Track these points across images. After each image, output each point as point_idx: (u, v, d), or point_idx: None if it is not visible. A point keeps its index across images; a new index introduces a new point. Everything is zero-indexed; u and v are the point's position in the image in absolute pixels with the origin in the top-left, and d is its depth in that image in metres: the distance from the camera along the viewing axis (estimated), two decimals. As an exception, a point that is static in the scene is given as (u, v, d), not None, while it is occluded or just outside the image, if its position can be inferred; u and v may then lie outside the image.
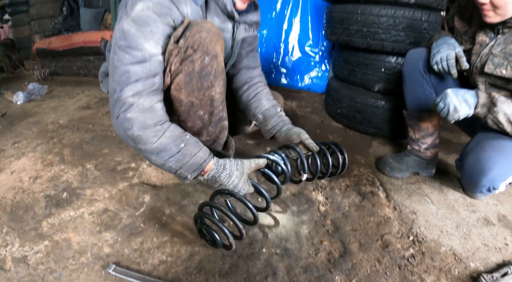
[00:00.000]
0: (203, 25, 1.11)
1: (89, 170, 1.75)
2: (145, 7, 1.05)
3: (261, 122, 1.51)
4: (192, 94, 1.18)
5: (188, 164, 1.11)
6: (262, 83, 1.58)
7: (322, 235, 1.28)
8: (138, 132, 1.06)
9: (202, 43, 1.11)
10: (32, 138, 2.22)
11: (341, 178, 1.67)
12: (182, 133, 1.12)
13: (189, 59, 1.13)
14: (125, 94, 1.05)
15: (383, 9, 1.91)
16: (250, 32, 1.40)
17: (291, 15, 3.15)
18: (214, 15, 1.24)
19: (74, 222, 1.35)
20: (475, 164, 1.37)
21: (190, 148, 1.11)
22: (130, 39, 1.05)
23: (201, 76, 1.16)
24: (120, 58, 1.06)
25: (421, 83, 1.59)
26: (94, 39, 3.90)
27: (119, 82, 1.06)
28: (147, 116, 1.06)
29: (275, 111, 1.51)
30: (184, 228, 1.30)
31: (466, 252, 1.24)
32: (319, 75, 3.18)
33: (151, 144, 1.07)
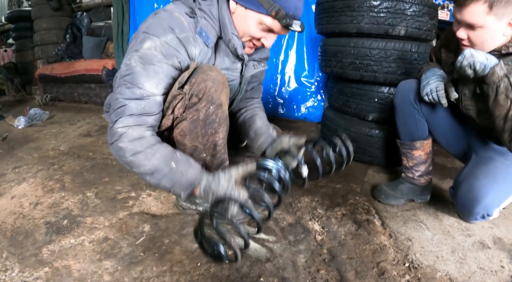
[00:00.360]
0: (208, 74, 1.15)
1: (89, 198, 1.77)
2: (152, 46, 1.11)
3: (252, 139, 1.56)
4: (196, 140, 1.23)
5: (179, 182, 1.15)
6: (259, 108, 1.65)
7: (319, 264, 1.30)
8: (131, 158, 1.11)
9: (207, 92, 1.15)
10: (33, 164, 2.25)
11: (337, 207, 1.70)
12: (172, 153, 1.16)
13: (194, 108, 1.17)
14: (116, 125, 1.11)
15: (375, 42, 2.00)
16: (260, 67, 1.45)
17: (287, 47, 3.26)
18: (225, 56, 1.29)
19: (74, 250, 1.36)
20: (468, 192, 1.41)
21: (180, 167, 1.15)
22: (133, 75, 1.11)
23: (206, 123, 1.20)
24: (121, 92, 1.12)
25: (413, 113, 1.64)
26: (96, 67, 3.99)
27: (116, 113, 1.12)
28: (137, 144, 1.11)
29: (267, 129, 1.55)
30: (183, 257, 1.32)
31: (462, 277, 1.25)
32: (315, 105, 3.25)
33: (144, 167, 1.12)
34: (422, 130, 1.67)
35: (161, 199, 1.75)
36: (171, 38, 1.13)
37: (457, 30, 1.32)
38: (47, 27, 5.07)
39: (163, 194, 1.79)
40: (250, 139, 1.57)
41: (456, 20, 1.31)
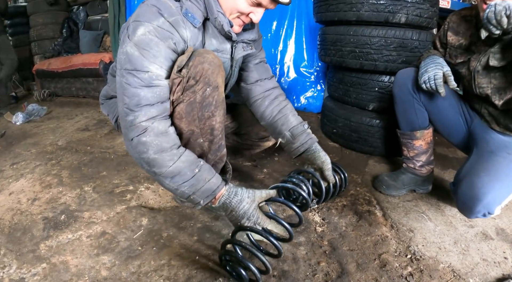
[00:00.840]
0: (205, 56, 1.13)
1: (87, 193, 1.76)
2: (146, 31, 1.09)
3: (289, 140, 1.51)
4: (193, 123, 1.20)
5: (201, 190, 1.11)
6: (282, 96, 1.58)
7: (319, 256, 1.29)
8: (154, 155, 1.07)
9: (204, 74, 1.13)
10: (30, 159, 2.23)
11: (338, 198, 1.68)
12: (196, 159, 1.14)
13: (190, 90, 1.15)
14: (139, 118, 1.07)
15: (375, 29, 1.97)
16: (249, 50, 1.42)
17: (286, 37, 3.21)
18: (212, 37, 1.26)
19: (72, 245, 1.35)
20: (470, 190, 1.36)
21: (204, 174, 1.12)
22: (135, 62, 1.08)
23: (202, 106, 1.17)
24: (128, 81, 1.09)
25: (412, 102, 1.61)
26: (93, 61, 3.95)
27: (130, 105, 1.08)
28: (162, 140, 1.08)
29: (303, 128, 1.52)
30: (181, 251, 1.30)
31: (465, 268, 1.24)
32: (315, 95, 3.22)
33: (166, 168, 1.08)
34: (422, 119, 1.64)
35: (159, 192, 1.73)
36: (163, 21, 1.11)
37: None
38: (44, 22, 5.01)
39: (161, 187, 1.77)
40: (286, 139, 1.52)
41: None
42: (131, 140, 1.09)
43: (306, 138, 1.50)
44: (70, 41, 4.76)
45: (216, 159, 1.33)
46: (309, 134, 1.53)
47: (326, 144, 2.44)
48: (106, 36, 4.54)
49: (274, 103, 1.55)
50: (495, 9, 1.13)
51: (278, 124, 1.53)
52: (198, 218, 1.51)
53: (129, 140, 1.10)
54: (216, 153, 1.32)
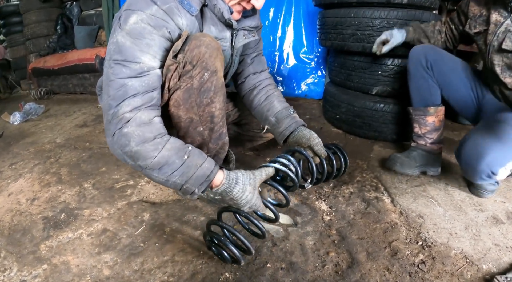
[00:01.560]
0: (202, 39, 1.08)
1: (86, 190, 1.72)
2: (139, 19, 1.03)
3: (274, 125, 1.47)
4: (191, 110, 1.15)
5: (194, 176, 1.02)
6: (272, 86, 1.55)
7: (328, 246, 1.24)
8: (137, 147, 0.99)
9: (201, 58, 1.08)
10: (29, 159, 2.20)
11: (344, 185, 1.64)
12: (183, 145, 1.06)
13: (187, 75, 1.10)
14: (122, 109, 1.00)
15: (376, 11, 1.90)
16: (250, 37, 1.37)
17: (284, 23, 3.14)
18: (211, 25, 1.20)
19: (72, 244, 1.32)
20: (472, 149, 1.38)
21: (194, 159, 1.03)
22: (126, 52, 1.02)
23: (200, 92, 1.12)
24: (116, 72, 1.02)
25: (426, 78, 1.64)
26: (89, 57, 3.90)
27: (115, 97, 1.01)
28: (145, 130, 1.00)
29: (288, 112, 1.47)
30: (185, 246, 1.27)
31: (478, 254, 1.20)
32: (316, 81, 3.15)
33: (151, 159, 0.99)
34: (436, 96, 1.67)
35: (161, 186, 1.69)
36: (156, 9, 1.05)
37: None
38: (37, 19, 4.93)
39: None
40: (271, 124, 1.48)
41: None
42: (113, 135, 1.01)
43: (291, 122, 1.44)
44: (65, 38, 4.70)
45: (217, 148, 1.28)
46: (294, 117, 1.47)
47: (330, 131, 2.39)
48: (101, 30, 4.48)
49: (262, 92, 1.51)
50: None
51: (264, 110, 1.49)
52: (201, 210, 1.47)
53: (111, 135, 1.02)
54: (218, 142, 1.27)
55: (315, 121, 2.60)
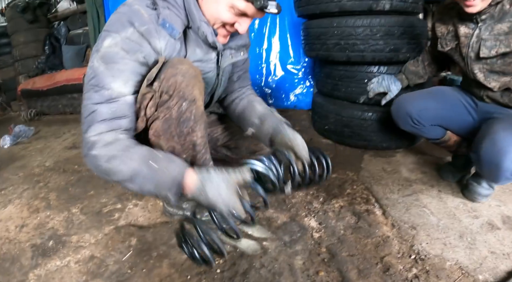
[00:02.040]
0: (178, 68, 1.05)
1: (74, 215, 1.69)
2: (113, 43, 1.01)
3: (258, 126, 1.41)
4: (172, 140, 1.12)
5: (163, 181, 0.98)
6: (254, 95, 1.53)
7: (318, 265, 1.22)
8: (106, 164, 0.98)
9: (177, 88, 1.05)
10: (18, 184, 2.17)
11: (334, 199, 1.62)
12: (151, 152, 1.02)
13: (165, 105, 1.07)
14: (88, 134, 1.00)
15: (359, 19, 1.90)
16: (239, 56, 1.35)
17: (269, 34, 3.15)
18: (196, 47, 1.18)
19: (60, 272, 1.29)
20: (493, 146, 1.28)
21: (162, 164, 0.99)
22: (98, 77, 1.00)
23: (180, 122, 1.09)
24: (90, 97, 1.01)
25: (421, 129, 1.68)
26: (77, 77, 3.87)
27: (86, 121, 1.01)
28: (111, 148, 0.99)
29: (270, 112, 1.43)
30: (172, 271, 1.23)
31: (473, 264, 1.18)
32: (304, 91, 3.15)
33: (121, 172, 0.98)
34: (438, 131, 1.69)
35: (148, 208, 1.66)
36: (131, 32, 1.02)
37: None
38: (25, 40, 4.92)
39: (150, 203, 1.71)
40: (255, 125, 1.42)
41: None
42: (85, 156, 1.01)
43: (275, 120, 1.37)
44: (53, 58, 4.69)
45: None
46: (277, 116, 1.41)
47: (319, 142, 2.37)
48: (89, 49, 4.47)
49: (244, 100, 1.49)
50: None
51: (246, 114, 1.45)
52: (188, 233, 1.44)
53: (84, 157, 1.02)
54: None
55: (305, 132, 2.58)
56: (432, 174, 1.80)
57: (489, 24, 1.36)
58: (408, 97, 1.69)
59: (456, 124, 1.64)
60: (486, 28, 1.37)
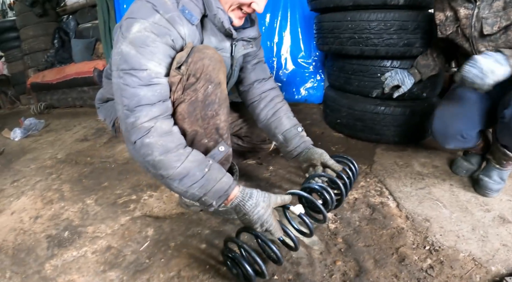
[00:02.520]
0: (205, 52, 1.08)
1: (89, 206, 1.71)
2: (142, 27, 1.02)
3: (282, 143, 1.46)
4: (196, 123, 1.14)
5: (212, 190, 1.03)
6: (279, 98, 1.52)
7: (335, 255, 1.23)
8: (160, 157, 1.00)
9: (204, 71, 1.07)
10: (31, 176, 2.19)
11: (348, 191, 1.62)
12: (205, 158, 1.07)
13: (191, 88, 1.09)
14: (140, 119, 1.00)
15: (373, 13, 1.90)
16: (249, 48, 1.36)
17: (280, 29, 3.14)
18: (211, 35, 1.20)
19: (77, 263, 1.31)
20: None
21: (214, 173, 1.04)
22: (132, 60, 1.01)
23: (205, 105, 1.12)
24: (126, 82, 1.02)
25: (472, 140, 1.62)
26: (87, 70, 3.90)
27: (130, 106, 1.01)
28: (167, 140, 1.01)
29: (297, 131, 1.45)
30: (191, 260, 1.25)
31: (486, 256, 1.19)
32: (315, 85, 3.15)
33: (174, 169, 1.00)
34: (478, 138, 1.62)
35: (164, 199, 1.68)
36: (159, 18, 1.04)
37: None
38: (34, 34, 4.95)
39: (165, 194, 1.72)
40: (279, 142, 1.47)
41: None
42: (134, 143, 1.02)
43: (299, 142, 1.43)
44: (63, 51, 4.71)
45: (222, 160, 1.27)
46: (303, 137, 1.45)
47: (331, 135, 2.38)
48: (98, 43, 4.49)
49: (269, 106, 1.49)
50: None
51: (272, 127, 1.47)
52: (205, 224, 1.46)
53: (132, 143, 1.03)
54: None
55: (316, 126, 2.59)
56: (443, 168, 1.81)
57: (487, 3, 1.40)
58: (447, 113, 1.60)
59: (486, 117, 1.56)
60: (484, 6, 1.40)
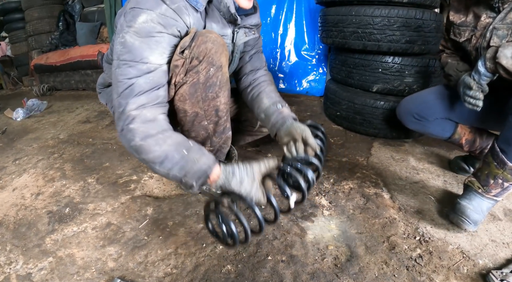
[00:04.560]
0: (208, 36, 1.10)
1: (90, 184, 1.74)
2: (148, 18, 1.03)
3: (263, 120, 1.47)
4: (197, 104, 1.17)
5: (191, 171, 1.04)
6: (266, 82, 1.53)
7: (328, 240, 1.27)
8: (141, 142, 1.02)
9: (207, 54, 1.10)
10: (33, 154, 2.22)
11: (344, 181, 1.66)
12: (184, 140, 1.08)
13: (194, 70, 1.12)
14: (128, 107, 1.03)
15: (377, 9, 1.92)
16: (251, 35, 1.39)
17: (285, 20, 3.16)
18: (213, 22, 1.22)
19: (77, 238, 1.35)
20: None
21: (192, 155, 1.06)
22: (135, 52, 1.03)
23: (206, 86, 1.15)
24: (124, 72, 1.04)
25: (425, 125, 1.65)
26: (91, 53, 3.91)
27: (123, 95, 1.04)
28: (149, 126, 1.04)
29: (276, 108, 1.44)
30: (188, 239, 1.29)
31: (474, 249, 1.23)
32: (317, 78, 3.17)
33: (153, 153, 1.03)
34: (448, 126, 1.64)
35: (163, 181, 1.71)
36: (165, 8, 1.06)
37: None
38: (39, 16, 4.93)
39: (165, 177, 1.75)
40: (262, 121, 1.49)
41: None
42: (121, 130, 1.05)
43: (278, 117, 1.40)
44: (67, 34, 4.71)
45: (221, 143, 1.30)
46: (282, 112, 1.41)
47: (330, 127, 2.41)
48: (103, 27, 4.49)
49: (255, 89, 1.51)
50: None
51: (254, 107, 1.49)
52: (203, 204, 1.49)
53: (120, 131, 1.06)
54: (221, 136, 1.29)
55: (316, 118, 2.62)
56: (439, 165, 1.84)
57: (504, 13, 1.28)
58: (409, 97, 1.72)
59: (466, 112, 1.53)
60: (500, 17, 1.30)
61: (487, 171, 1.29)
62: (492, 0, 1.30)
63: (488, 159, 1.29)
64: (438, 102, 1.59)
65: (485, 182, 1.30)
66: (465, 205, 1.31)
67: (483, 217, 1.31)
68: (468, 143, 1.67)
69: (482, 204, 1.31)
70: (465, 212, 1.29)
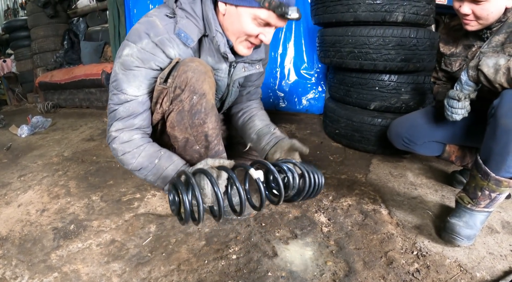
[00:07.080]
0: (189, 65, 1.16)
1: (95, 202, 1.78)
2: (130, 52, 1.18)
3: (255, 142, 1.54)
4: (186, 131, 1.25)
5: (161, 177, 1.26)
6: (257, 108, 1.63)
7: (326, 256, 1.30)
8: (121, 156, 1.27)
9: (188, 83, 1.17)
10: (37, 171, 2.25)
11: (343, 198, 1.69)
12: (156, 151, 1.27)
13: (178, 99, 1.21)
14: (111, 128, 1.26)
15: (372, 29, 1.99)
16: (253, 69, 1.41)
17: (285, 40, 3.24)
18: (208, 55, 1.29)
19: (82, 254, 1.37)
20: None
21: (162, 163, 1.25)
22: (118, 82, 1.22)
23: (192, 114, 1.22)
24: (111, 98, 1.25)
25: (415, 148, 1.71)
26: (95, 72, 3.99)
27: (109, 117, 1.26)
28: (125, 146, 1.26)
29: (268, 129, 1.53)
30: (190, 255, 1.32)
31: (472, 262, 1.25)
32: (316, 96, 3.23)
33: (132, 164, 1.26)
34: (436, 147, 1.70)
35: (166, 199, 1.74)
36: (146, 43, 1.18)
37: (460, 7, 1.31)
38: (44, 34, 5.07)
39: (168, 194, 1.79)
40: (253, 141, 1.56)
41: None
42: (108, 144, 1.30)
43: (271, 137, 1.50)
44: (72, 53, 4.82)
45: None
46: (274, 133, 1.51)
47: (330, 145, 2.45)
48: (107, 46, 4.59)
49: (247, 113, 1.62)
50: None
51: (246, 129, 1.59)
52: (205, 222, 1.53)
53: (108, 144, 1.31)
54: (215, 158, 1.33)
55: (316, 135, 2.67)
56: (437, 180, 1.88)
57: (491, 37, 1.35)
58: (399, 119, 1.78)
59: (451, 132, 1.61)
60: (487, 41, 1.37)
61: (474, 184, 1.30)
62: (481, 31, 1.37)
63: (473, 172, 1.31)
64: (426, 126, 1.65)
65: (474, 195, 1.31)
66: (454, 222, 1.33)
67: (477, 231, 1.33)
68: (458, 159, 1.72)
69: (474, 219, 1.33)
70: (454, 230, 1.31)
